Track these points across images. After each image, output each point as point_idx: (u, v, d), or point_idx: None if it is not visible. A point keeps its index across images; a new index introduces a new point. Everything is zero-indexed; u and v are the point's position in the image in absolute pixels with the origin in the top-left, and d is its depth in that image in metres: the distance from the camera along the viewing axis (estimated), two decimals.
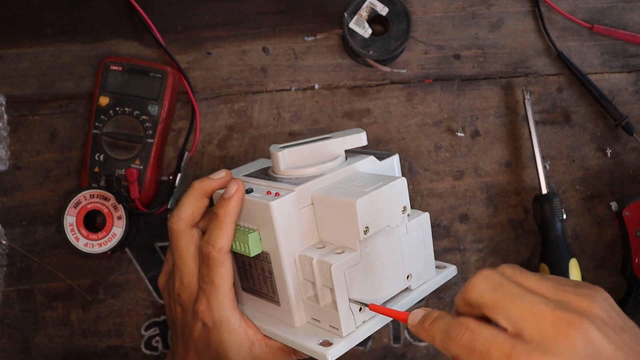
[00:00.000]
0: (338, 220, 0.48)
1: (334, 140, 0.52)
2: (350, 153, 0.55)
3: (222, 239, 0.49)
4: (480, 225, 0.70)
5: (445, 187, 0.70)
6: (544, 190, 0.66)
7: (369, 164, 0.53)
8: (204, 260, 0.50)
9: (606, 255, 0.70)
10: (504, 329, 0.35)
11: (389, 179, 0.49)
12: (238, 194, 0.49)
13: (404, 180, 0.49)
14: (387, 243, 0.50)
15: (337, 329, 0.48)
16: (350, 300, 0.48)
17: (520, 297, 0.35)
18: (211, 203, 0.55)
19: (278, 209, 0.47)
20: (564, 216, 0.66)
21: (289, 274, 0.49)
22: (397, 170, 0.56)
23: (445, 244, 0.69)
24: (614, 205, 0.66)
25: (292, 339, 0.50)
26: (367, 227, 0.46)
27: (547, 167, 0.70)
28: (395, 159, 0.55)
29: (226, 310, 0.51)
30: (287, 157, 0.52)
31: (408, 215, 0.50)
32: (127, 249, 0.69)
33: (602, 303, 0.35)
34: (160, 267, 0.69)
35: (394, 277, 0.51)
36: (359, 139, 0.52)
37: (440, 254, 0.69)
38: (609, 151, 0.70)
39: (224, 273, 0.50)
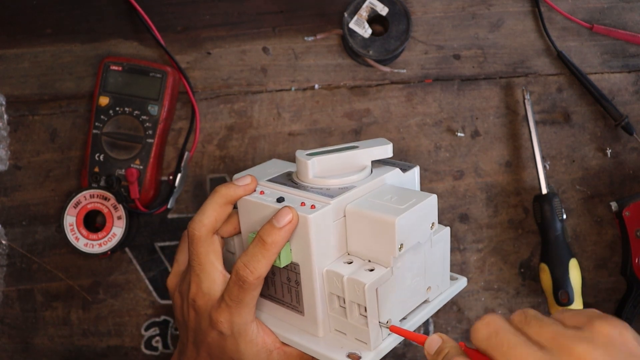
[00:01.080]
0: (373, 235, 0.47)
1: (361, 150, 0.52)
2: (375, 163, 0.55)
3: (264, 268, 0.48)
4: (480, 225, 0.70)
5: (445, 187, 0.70)
6: (544, 190, 0.66)
7: (394, 176, 0.53)
8: (238, 282, 0.49)
9: (606, 255, 0.70)
10: None
11: (421, 196, 0.48)
12: (291, 226, 0.47)
13: (435, 197, 0.49)
14: (414, 258, 0.50)
15: (365, 343, 0.48)
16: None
17: (512, 347, 0.36)
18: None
19: (315, 222, 0.47)
20: (564, 216, 0.66)
21: (318, 287, 0.49)
22: (417, 181, 0.56)
23: None
24: (614, 205, 0.66)
25: (317, 350, 0.50)
26: (402, 244, 0.46)
27: (547, 167, 0.70)
28: (416, 171, 0.55)
29: (246, 324, 0.51)
30: (316, 166, 0.51)
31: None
32: (127, 249, 0.69)
33: (603, 347, 0.34)
34: (160, 267, 0.69)
35: (417, 290, 0.52)
36: (386, 150, 0.52)
37: None
38: (609, 151, 0.70)
39: (255, 295, 0.50)
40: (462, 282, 0.58)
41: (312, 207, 0.47)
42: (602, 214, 0.70)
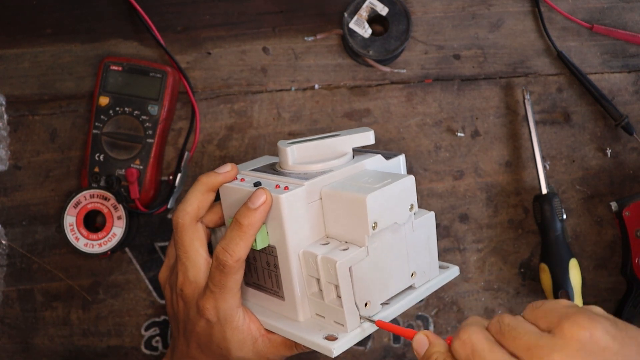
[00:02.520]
0: (347, 215, 0.48)
1: (341, 137, 0.53)
2: (358, 152, 0.55)
3: (242, 250, 0.49)
4: (480, 225, 0.70)
5: (445, 187, 0.70)
6: (544, 190, 0.66)
7: (376, 162, 0.54)
8: (219, 267, 0.49)
9: (606, 255, 0.70)
10: None
11: (397, 177, 0.49)
12: (265, 206, 0.48)
13: (412, 178, 0.50)
14: (393, 240, 0.50)
15: (342, 325, 0.48)
16: (360, 317, 0.49)
17: None
18: (217, 197, 0.55)
19: (287, 202, 0.47)
20: (564, 216, 0.66)
21: (294, 269, 0.49)
22: (403, 170, 0.56)
23: (445, 244, 0.69)
24: (614, 205, 0.66)
25: (296, 333, 0.50)
26: (375, 223, 0.47)
27: (547, 167, 0.70)
28: (401, 159, 0.56)
29: (232, 310, 0.51)
30: (295, 153, 0.52)
31: (414, 213, 0.51)
32: (127, 249, 0.69)
33: (574, 354, 0.35)
34: (161, 266, 0.69)
35: (399, 274, 0.52)
36: (367, 137, 0.53)
37: (440, 254, 0.69)
38: (609, 151, 0.70)
39: (237, 279, 0.50)
40: (453, 271, 0.57)
41: (286, 188, 0.48)
42: (602, 214, 0.70)
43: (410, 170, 0.69)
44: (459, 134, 0.69)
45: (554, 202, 0.66)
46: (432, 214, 0.53)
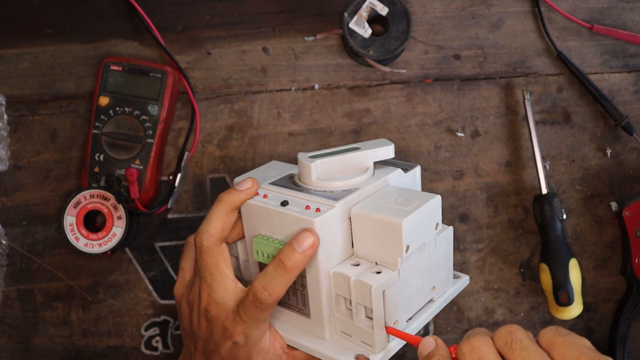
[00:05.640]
0: (378, 237, 0.47)
1: (363, 152, 0.52)
2: (376, 164, 0.55)
3: (283, 290, 0.48)
4: (480, 225, 0.70)
5: (445, 187, 0.70)
6: (544, 190, 0.66)
7: (397, 177, 0.53)
8: (256, 303, 0.48)
9: (606, 255, 0.70)
10: None
11: (425, 197, 0.48)
12: (312, 251, 0.46)
13: (439, 198, 0.49)
14: (419, 259, 0.50)
15: (370, 346, 0.48)
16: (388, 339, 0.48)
17: None
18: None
19: (321, 225, 0.47)
20: (564, 216, 0.66)
21: (324, 289, 0.49)
22: (418, 181, 0.56)
23: None
24: (614, 205, 0.66)
25: (324, 352, 0.50)
26: (408, 246, 0.46)
27: (547, 167, 0.70)
28: (417, 171, 0.55)
29: (262, 334, 0.51)
30: (318, 168, 0.51)
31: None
32: (127, 249, 0.69)
33: None
34: (160, 267, 0.69)
35: (422, 290, 0.52)
36: (388, 151, 0.52)
37: None
38: (609, 151, 0.70)
39: (271, 311, 0.50)
40: (464, 280, 0.58)
41: (317, 210, 0.47)
42: (602, 214, 0.70)
43: None
44: (459, 134, 0.69)
45: (554, 202, 0.66)
46: (451, 228, 0.53)
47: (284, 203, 0.49)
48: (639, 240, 0.66)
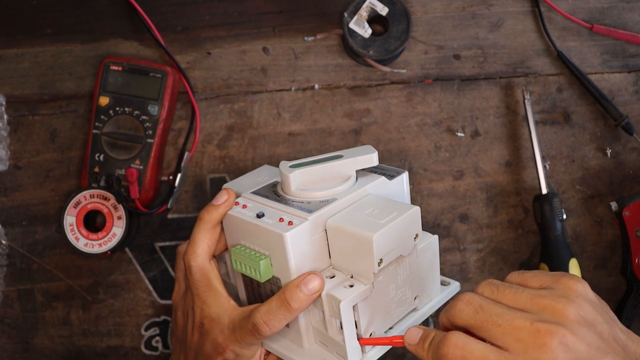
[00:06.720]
0: (352, 250, 0.47)
1: (345, 160, 0.51)
2: (361, 171, 0.54)
3: (283, 325, 0.48)
4: (480, 225, 0.70)
5: (445, 187, 0.70)
6: (544, 190, 0.66)
7: (379, 185, 0.52)
8: (254, 333, 0.48)
9: (606, 255, 0.70)
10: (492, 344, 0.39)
11: (403, 208, 0.47)
12: (317, 295, 0.47)
13: (418, 209, 0.48)
14: (397, 271, 0.50)
15: (344, 358, 0.48)
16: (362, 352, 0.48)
17: (500, 315, 0.39)
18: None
19: (291, 239, 0.46)
20: (564, 216, 0.66)
21: None
22: (406, 188, 0.55)
23: (445, 244, 0.69)
24: (614, 205, 0.66)
25: None
26: (381, 260, 0.46)
27: (547, 167, 0.70)
28: (404, 177, 0.54)
29: (253, 353, 0.52)
30: (297, 179, 0.50)
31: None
32: (127, 249, 0.69)
33: (576, 300, 0.40)
34: (160, 267, 0.69)
35: (403, 300, 0.51)
36: (371, 159, 0.51)
37: (441, 254, 0.69)
38: (609, 151, 0.70)
39: (263, 340, 0.51)
40: (453, 287, 0.57)
41: (290, 223, 0.47)
42: (602, 214, 0.70)
43: (410, 170, 0.69)
44: (459, 134, 0.69)
45: (554, 202, 0.66)
46: (436, 237, 0.52)
47: (260, 215, 0.49)
48: (639, 240, 0.66)
